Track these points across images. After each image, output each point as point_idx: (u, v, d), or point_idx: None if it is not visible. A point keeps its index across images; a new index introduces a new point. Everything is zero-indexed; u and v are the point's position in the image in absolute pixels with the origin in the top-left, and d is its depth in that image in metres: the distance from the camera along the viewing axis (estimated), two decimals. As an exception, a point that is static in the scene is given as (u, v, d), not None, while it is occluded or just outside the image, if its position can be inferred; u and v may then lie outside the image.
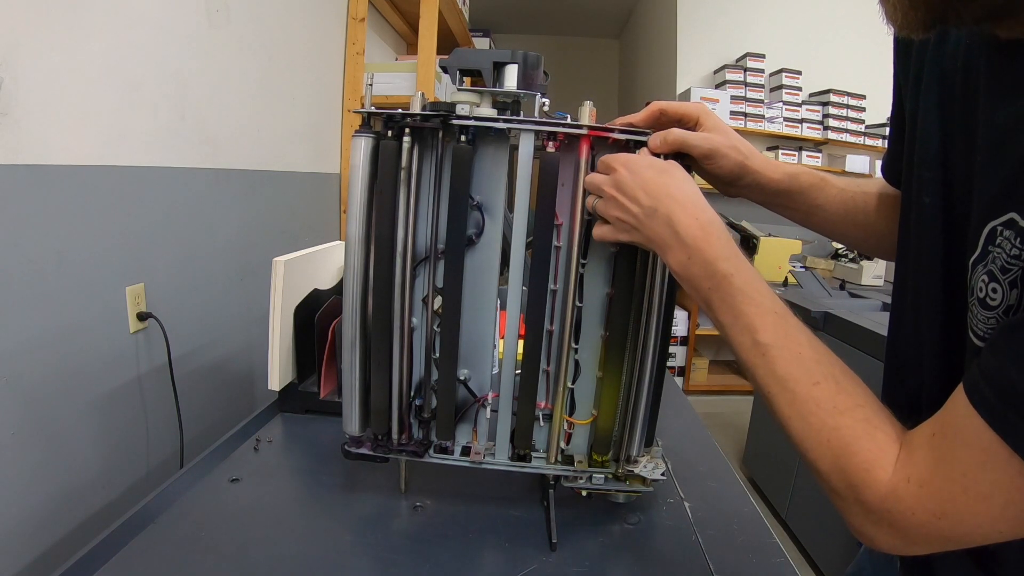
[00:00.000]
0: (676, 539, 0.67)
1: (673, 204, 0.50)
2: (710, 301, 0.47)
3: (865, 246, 0.70)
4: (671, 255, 0.49)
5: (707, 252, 0.47)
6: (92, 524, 1.03)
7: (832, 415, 0.40)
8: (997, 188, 0.37)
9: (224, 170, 1.41)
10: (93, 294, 1.03)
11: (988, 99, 0.41)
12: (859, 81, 3.22)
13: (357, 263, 0.62)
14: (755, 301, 0.45)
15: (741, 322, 0.45)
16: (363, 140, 0.60)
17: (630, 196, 0.52)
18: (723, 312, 0.46)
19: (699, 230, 0.48)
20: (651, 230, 0.51)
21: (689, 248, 0.48)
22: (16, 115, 0.86)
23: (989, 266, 0.36)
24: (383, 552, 0.62)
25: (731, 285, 0.46)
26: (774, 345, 0.43)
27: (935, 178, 0.47)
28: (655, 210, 0.50)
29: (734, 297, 0.45)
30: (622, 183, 0.53)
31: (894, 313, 0.57)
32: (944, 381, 0.46)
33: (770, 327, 0.44)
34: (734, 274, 0.46)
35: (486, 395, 0.67)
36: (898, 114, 0.59)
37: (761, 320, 0.44)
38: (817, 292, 2.20)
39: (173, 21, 1.19)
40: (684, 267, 0.48)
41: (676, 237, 0.49)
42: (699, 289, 0.48)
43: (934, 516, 0.35)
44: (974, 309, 0.37)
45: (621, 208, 0.53)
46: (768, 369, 0.43)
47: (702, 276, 0.47)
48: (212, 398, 1.41)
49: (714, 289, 0.46)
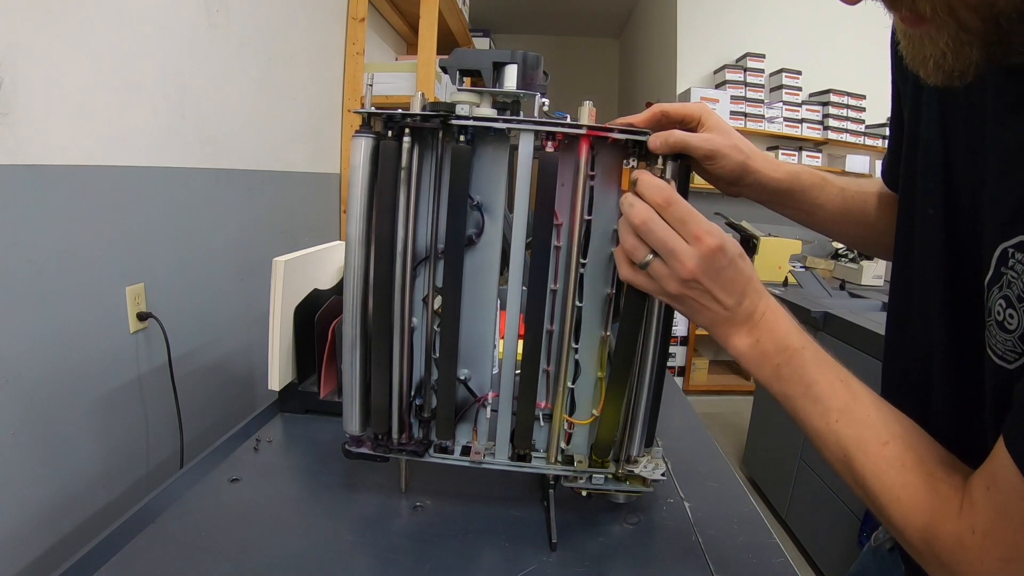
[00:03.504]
0: (676, 539, 0.67)
1: (752, 294, 0.49)
2: (779, 376, 0.47)
3: (865, 245, 0.70)
4: (742, 338, 0.49)
5: (779, 329, 0.48)
6: (92, 524, 1.03)
7: (901, 472, 0.41)
8: (1009, 209, 0.37)
9: (224, 170, 1.41)
10: (93, 294, 1.03)
11: (996, 116, 0.41)
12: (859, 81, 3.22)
13: (357, 263, 0.62)
14: (823, 370, 0.46)
15: (812, 392, 0.45)
16: (363, 140, 0.60)
17: (719, 289, 0.48)
18: (792, 384, 0.46)
19: (772, 313, 0.49)
20: (725, 320, 0.49)
21: (760, 330, 0.48)
22: (16, 115, 0.86)
23: (1005, 291, 0.37)
24: (383, 552, 0.62)
25: (803, 357, 0.46)
26: (845, 410, 0.44)
27: (937, 189, 0.47)
28: (739, 304, 0.49)
29: (805, 368, 0.46)
30: (713, 271, 0.48)
31: (893, 315, 0.57)
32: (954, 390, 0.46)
33: (840, 394, 0.44)
34: (806, 347, 0.47)
35: (486, 395, 0.67)
36: (897, 120, 0.59)
37: (831, 388, 0.45)
38: (817, 292, 2.20)
39: (173, 21, 1.19)
40: (753, 347, 0.48)
41: (750, 321, 0.49)
42: (766, 365, 0.48)
43: (1002, 562, 0.36)
44: (992, 330, 0.38)
45: (704, 296, 0.49)
46: (842, 434, 0.43)
47: (772, 352, 0.47)
48: (212, 398, 1.41)
49: (784, 363, 0.47)
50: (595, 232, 0.62)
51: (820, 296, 2.16)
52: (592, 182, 0.60)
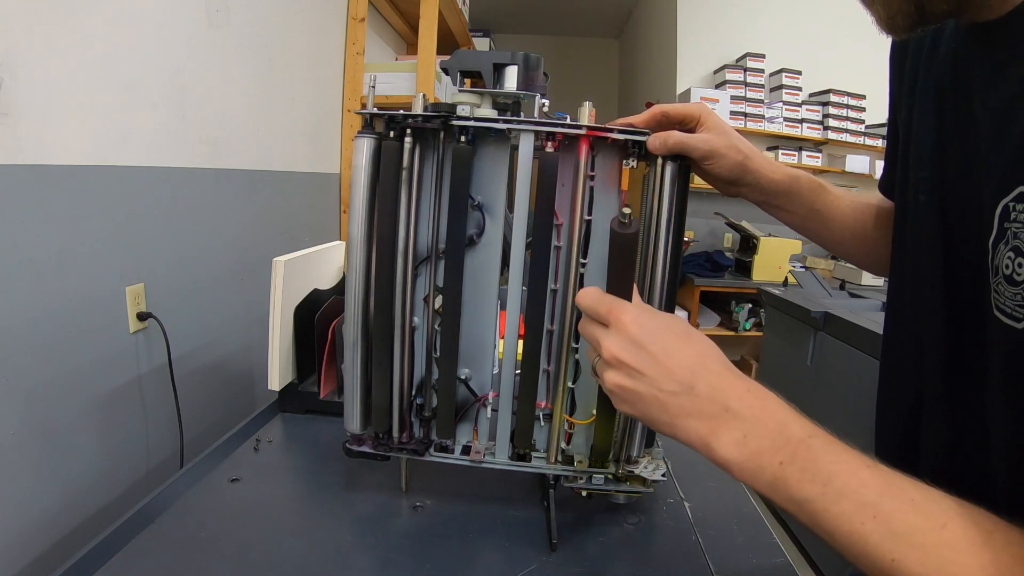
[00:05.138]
0: (676, 539, 0.67)
1: (713, 376, 0.41)
2: (785, 478, 0.37)
3: (857, 256, 0.70)
4: (721, 436, 0.39)
5: (772, 420, 0.39)
6: (92, 524, 1.03)
7: (973, 553, 0.33)
8: (1003, 167, 0.37)
9: (224, 170, 1.41)
10: (93, 294, 1.03)
11: (981, 87, 0.42)
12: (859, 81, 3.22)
13: (359, 263, 0.62)
14: (843, 459, 0.37)
15: (834, 488, 0.36)
16: (365, 141, 0.60)
17: (648, 366, 0.41)
18: (805, 485, 0.37)
19: (754, 398, 0.40)
20: (681, 409, 0.40)
21: (747, 422, 0.39)
22: (16, 115, 0.86)
23: (1012, 242, 0.36)
24: (383, 552, 0.62)
25: (812, 448, 0.37)
26: (883, 500, 0.35)
27: (929, 177, 0.48)
28: (692, 387, 0.40)
29: (818, 461, 0.37)
30: (633, 347, 0.42)
31: (890, 313, 0.58)
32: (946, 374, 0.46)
33: (871, 482, 0.36)
34: (813, 435, 0.38)
35: (486, 394, 0.67)
36: (894, 131, 0.60)
37: (857, 478, 0.36)
38: (817, 292, 2.20)
39: (173, 21, 1.19)
40: (741, 446, 0.39)
41: (727, 412, 0.39)
42: (765, 468, 0.38)
43: None
44: (1000, 288, 0.37)
45: (640, 381, 0.42)
46: (886, 530, 0.34)
47: (769, 450, 0.38)
48: (212, 398, 1.41)
49: (789, 461, 0.37)
50: (595, 232, 0.62)
51: (820, 296, 2.17)
52: (592, 182, 0.60)
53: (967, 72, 0.44)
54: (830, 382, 1.84)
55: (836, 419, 1.77)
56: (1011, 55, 0.38)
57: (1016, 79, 0.37)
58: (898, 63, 0.57)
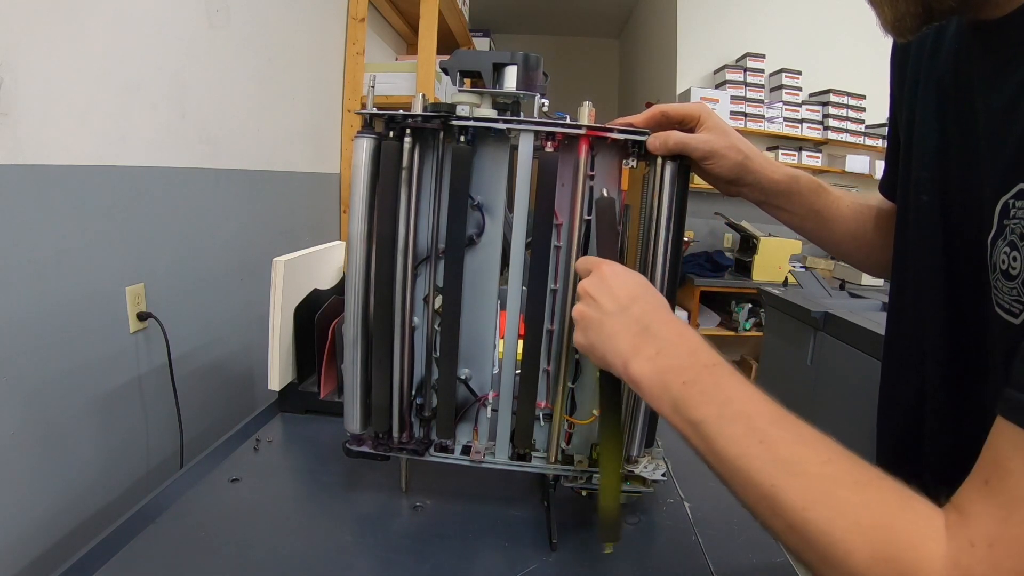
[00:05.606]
0: (676, 539, 0.67)
1: (648, 305, 0.46)
2: (687, 398, 0.40)
3: (856, 257, 0.70)
4: (639, 352, 0.43)
5: (684, 344, 0.43)
6: (92, 524, 1.03)
7: (856, 490, 0.33)
8: (1004, 165, 0.38)
9: (224, 170, 1.41)
10: (93, 294, 1.03)
11: (982, 86, 0.42)
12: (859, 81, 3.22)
13: (359, 263, 0.62)
14: (742, 388, 0.39)
15: (730, 411, 0.38)
16: (365, 141, 0.60)
17: (603, 293, 0.48)
18: (703, 406, 0.39)
19: (675, 326, 0.45)
20: (613, 328, 0.46)
21: (661, 341, 0.43)
22: (16, 115, 0.86)
23: (1009, 237, 0.37)
24: (383, 552, 0.62)
25: (715, 374, 0.40)
26: (773, 428, 0.37)
27: (932, 177, 0.49)
28: (627, 308, 0.46)
29: (720, 385, 0.40)
30: (599, 281, 0.49)
31: (891, 313, 0.58)
32: (948, 374, 0.47)
33: (766, 411, 0.38)
34: (719, 364, 0.41)
35: (486, 394, 0.67)
36: (894, 133, 0.60)
37: (754, 406, 0.38)
38: (817, 292, 2.20)
39: (173, 21, 1.19)
40: (652, 361, 0.43)
41: (646, 332, 0.44)
42: (670, 386, 0.41)
43: (1016, 573, 0.29)
44: (998, 283, 0.38)
45: (592, 307, 0.48)
46: (771, 456, 0.35)
47: (676, 368, 0.41)
48: (212, 398, 1.41)
49: (692, 382, 0.40)
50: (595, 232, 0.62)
51: (820, 296, 2.16)
52: (592, 182, 0.60)
53: (969, 71, 0.44)
54: (830, 382, 1.84)
55: (836, 419, 1.77)
56: (1014, 54, 0.38)
57: (1018, 77, 0.37)
58: (899, 64, 0.57)
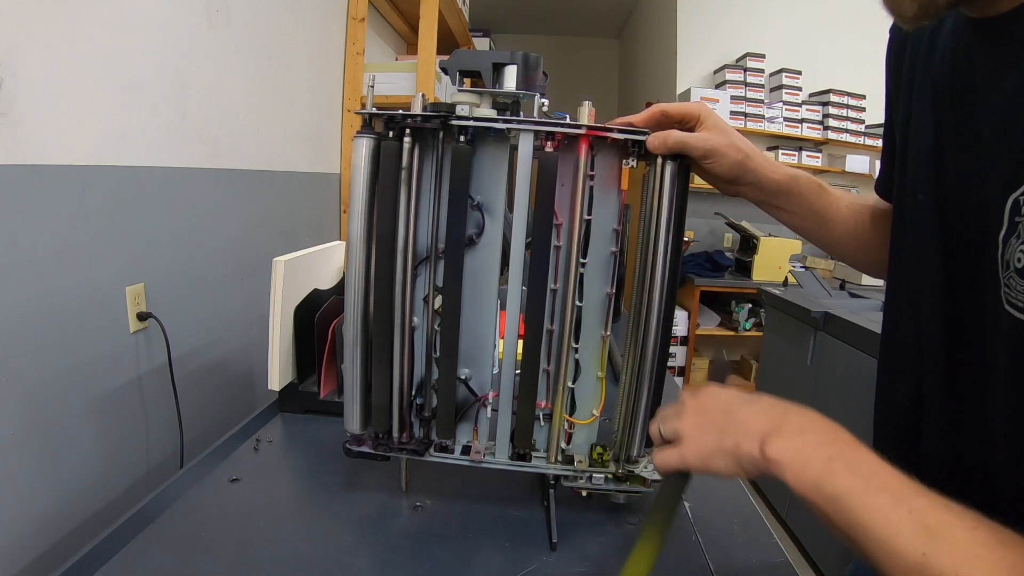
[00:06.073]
0: (676, 539, 0.67)
1: (771, 398, 0.47)
2: (832, 472, 0.39)
3: (855, 257, 0.70)
4: (782, 428, 0.43)
5: (825, 423, 0.43)
6: (92, 524, 1.03)
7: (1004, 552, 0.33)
8: (1010, 161, 0.37)
9: (224, 170, 1.41)
10: (93, 294, 1.03)
11: (984, 81, 0.42)
12: (859, 81, 3.22)
13: (359, 263, 0.62)
14: (885, 463, 0.39)
15: (875, 483, 0.38)
16: (364, 141, 0.60)
17: (712, 402, 0.48)
18: (849, 478, 0.39)
19: (809, 411, 0.44)
20: (746, 415, 0.45)
21: (802, 420, 0.43)
22: (16, 115, 0.86)
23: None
24: (383, 552, 0.62)
25: (859, 449, 0.41)
26: (919, 498, 0.36)
27: (928, 176, 0.48)
28: (752, 400, 0.47)
29: (863, 459, 0.40)
30: (698, 403, 0.49)
31: (888, 313, 0.58)
32: (946, 374, 0.46)
33: (908, 484, 0.38)
34: (859, 443, 0.42)
35: (486, 394, 0.67)
36: (890, 133, 0.60)
37: (898, 479, 0.38)
38: (817, 292, 2.20)
39: (173, 21, 1.19)
40: (798, 436, 0.42)
41: (786, 414, 0.44)
42: (814, 462, 0.40)
43: None
44: (1011, 282, 0.37)
45: (702, 414, 0.48)
46: (920, 525, 0.35)
47: (822, 443, 0.41)
48: (212, 398, 1.41)
49: (837, 457, 0.40)
50: (595, 232, 0.62)
51: (820, 296, 2.16)
52: (592, 182, 0.60)
53: (967, 68, 0.44)
54: (830, 382, 1.84)
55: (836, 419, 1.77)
56: (1016, 49, 0.38)
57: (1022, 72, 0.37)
58: (895, 64, 0.57)
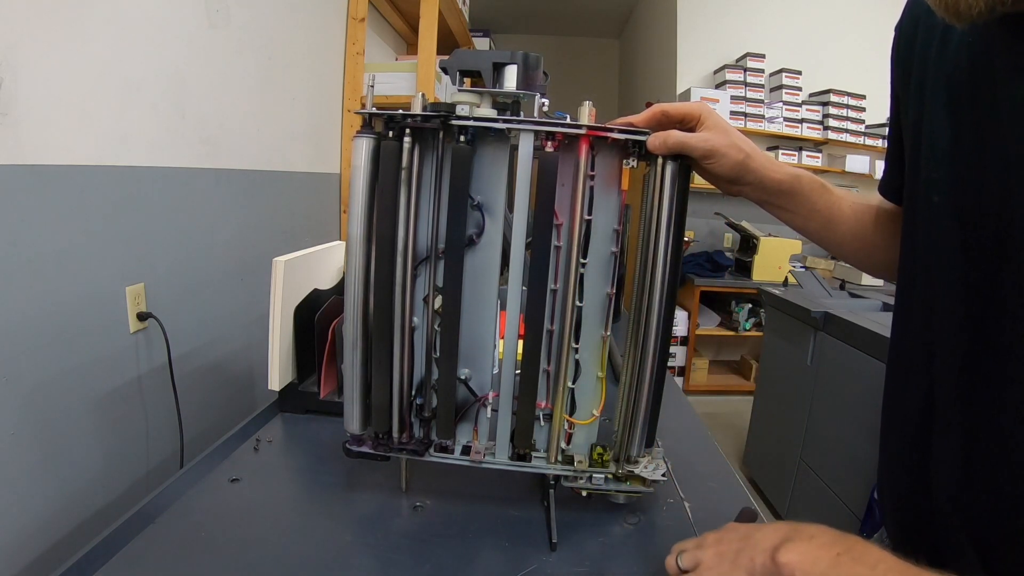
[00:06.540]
0: (676, 539, 0.66)
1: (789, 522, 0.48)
2: (837, 564, 0.41)
3: (857, 257, 0.69)
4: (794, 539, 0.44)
5: (834, 532, 0.44)
6: (92, 524, 1.04)
7: None
8: None
9: (224, 170, 1.41)
10: (93, 294, 1.03)
11: (1006, 77, 0.41)
12: (859, 81, 3.22)
13: (358, 263, 0.62)
14: (892, 555, 0.41)
15: (883, 567, 0.40)
16: (364, 141, 0.60)
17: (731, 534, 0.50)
18: (855, 566, 0.41)
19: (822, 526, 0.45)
20: (763, 535, 0.47)
21: (814, 531, 0.45)
22: (16, 115, 0.86)
23: None
24: (383, 552, 0.62)
25: (867, 545, 0.42)
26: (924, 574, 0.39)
27: (944, 177, 0.47)
28: (770, 524, 0.48)
29: (870, 551, 0.41)
30: (717, 537, 0.51)
31: (898, 316, 0.57)
32: (960, 379, 0.46)
33: (914, 568, 0.39)
34: (869, 543, 0.43)
35: (486, 394, 0.67)
36: (896, 134, 0.59)
37: (904, 565, 0.40)
38: (817, 292, 2.20)
39: (173, 21, 1.19)
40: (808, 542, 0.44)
41: (799, 529, 0.45)
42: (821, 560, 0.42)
43: None
44: None
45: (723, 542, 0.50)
46: None
47: (830, 544, 0.43)
48: (212, 398, 1.41)
49: (845, 552, 0.42)
50: (595, 232, 0.62)
51: (820, 296, 2.16)
52: (592, 182, 0.60)
53: (988, 63, 0.42)
54: (830, 382, 1.84)
55: (836, 419, 1.77)
56: None
57: None
58: (903, 64, 0.56)
